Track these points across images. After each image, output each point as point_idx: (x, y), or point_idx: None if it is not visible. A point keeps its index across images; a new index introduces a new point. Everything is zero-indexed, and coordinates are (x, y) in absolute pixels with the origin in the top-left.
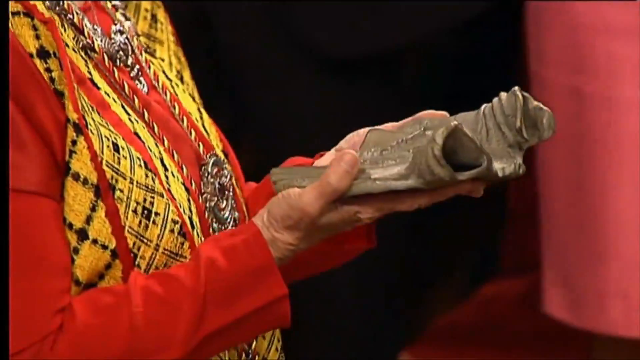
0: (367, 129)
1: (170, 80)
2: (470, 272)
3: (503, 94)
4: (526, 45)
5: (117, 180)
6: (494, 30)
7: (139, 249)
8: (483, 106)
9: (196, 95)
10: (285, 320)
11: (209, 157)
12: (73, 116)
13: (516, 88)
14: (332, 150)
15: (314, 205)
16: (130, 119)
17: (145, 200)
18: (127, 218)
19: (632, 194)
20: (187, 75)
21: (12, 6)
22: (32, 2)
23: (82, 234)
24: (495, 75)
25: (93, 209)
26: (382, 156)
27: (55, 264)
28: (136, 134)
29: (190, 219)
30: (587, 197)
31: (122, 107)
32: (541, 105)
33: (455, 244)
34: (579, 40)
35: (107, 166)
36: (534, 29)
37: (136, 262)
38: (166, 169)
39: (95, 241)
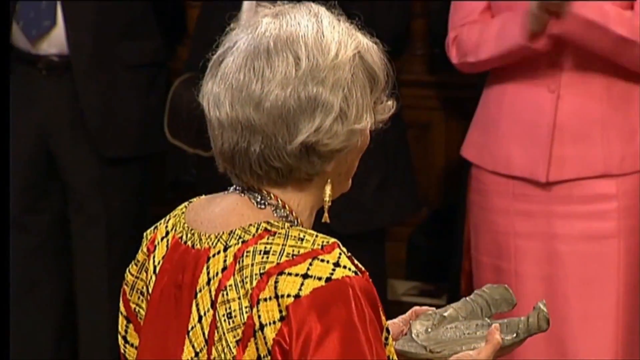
0: (425, 308)
1: None
2: None
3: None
4: (469, 240)
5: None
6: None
7: None
8: (469, 297)
9: None
10: None
11: None
12: (387, 324)
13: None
14: (398, 320)
15: (490, 356)
16: None
17: None
18: None
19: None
20: None
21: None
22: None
23: None
24: (449, 256)
25: None
26: (481, 325)
27: None
28: None
29: None
30: None
31: None
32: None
33: None
34: (499, 239)
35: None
36: (474, 231)
37: None
38: None
39: None
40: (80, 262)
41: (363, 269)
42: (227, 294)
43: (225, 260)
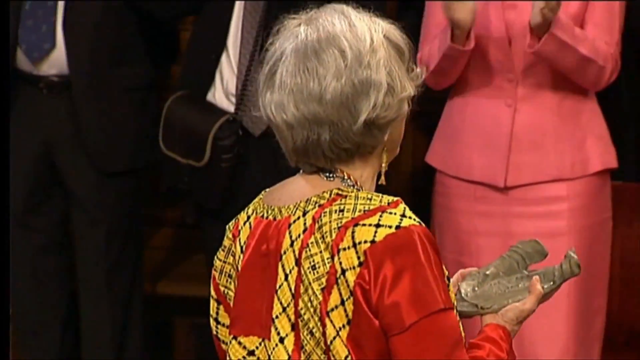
0: (470, 270)
1: None
2: None
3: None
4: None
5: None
6: None
7: None
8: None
9: None
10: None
11: None
12: (448, 273)
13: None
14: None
15: (535, 305)
16: None
17: None
18: None
19: None
20: None
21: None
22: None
23: None
24: None
25: None
26: (524, 277)
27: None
28: None
29: None
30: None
31: None
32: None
33: None
34: (461, 237)
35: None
36: (438, 230)
37: None
38: None
39: None
40: (81, 261)
41: (423, 224)
42: (309, 250)
43: (305, 223)
